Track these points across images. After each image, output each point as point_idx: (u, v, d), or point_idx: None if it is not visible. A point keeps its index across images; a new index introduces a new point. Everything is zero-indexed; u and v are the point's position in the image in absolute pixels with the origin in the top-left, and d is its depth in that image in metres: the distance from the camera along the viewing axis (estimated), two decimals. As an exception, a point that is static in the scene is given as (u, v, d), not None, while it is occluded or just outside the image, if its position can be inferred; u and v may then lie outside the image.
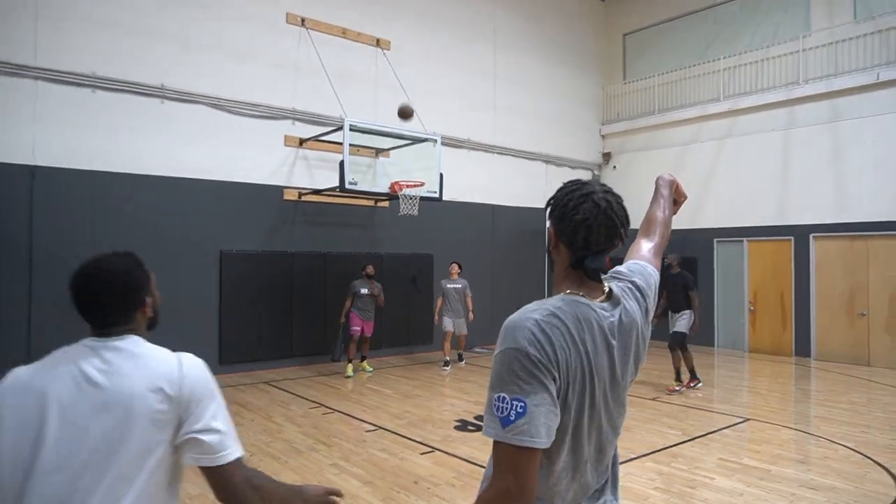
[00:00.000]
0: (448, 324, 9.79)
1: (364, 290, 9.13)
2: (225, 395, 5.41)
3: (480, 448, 5.63)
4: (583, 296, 1.45)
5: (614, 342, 1.44)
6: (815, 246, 11.03)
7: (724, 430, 6.25)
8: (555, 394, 1.32)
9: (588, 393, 1.38)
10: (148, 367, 1.50)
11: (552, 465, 1.40)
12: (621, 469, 4.82)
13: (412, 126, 10.04)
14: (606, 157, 14.56)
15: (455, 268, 9.97)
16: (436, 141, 9.53)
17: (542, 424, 1.29)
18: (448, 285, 9.87)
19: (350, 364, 9.15)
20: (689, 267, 11.87)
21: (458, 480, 4.79)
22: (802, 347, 11.06)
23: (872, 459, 5.29)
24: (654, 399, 7.70)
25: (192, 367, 1.54)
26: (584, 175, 14.48)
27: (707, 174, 12.60)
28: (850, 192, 10.66)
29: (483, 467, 5.08)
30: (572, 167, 14.18)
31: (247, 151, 9.34)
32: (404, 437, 6.03)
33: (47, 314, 7.53)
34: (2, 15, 7.37)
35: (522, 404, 1.29)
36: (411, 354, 11.04)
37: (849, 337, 10.56)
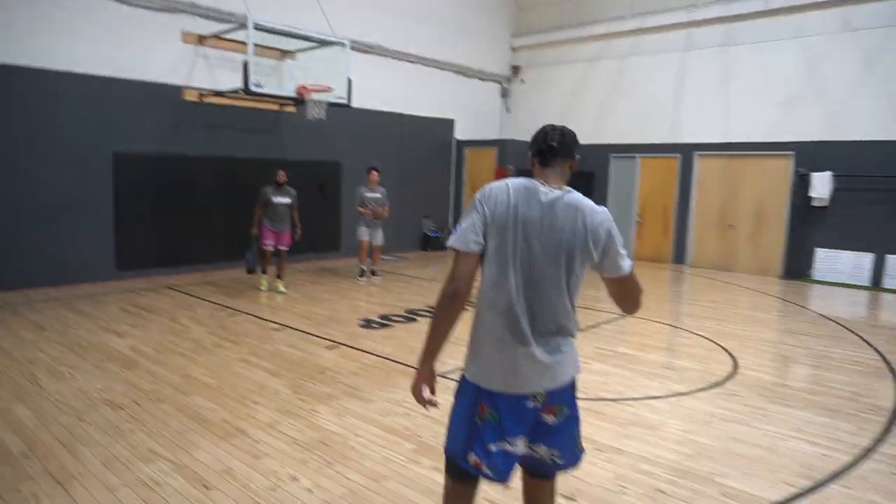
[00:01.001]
0: (364, 233, 9.37)
1: (277, 199, 8.24)
2: (125, 300, 5.63)
3: (383, 342, 6.03)
4: (539, 182, 2.17)
5: (547, 207, 2.10)
6: (698, 163, 11.96)
7: (603, 325, 7.00)
8: (481, 224, 2.10)
9: (511, 230, 2.08)
10: None
11: (484, 274, 2.13)
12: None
13: (320, 28, 9.73)
14: (515, 70, 14.71)
15: (374, 175, 9.37)
16: (345, 45, 9.28)
17: (468, 238, 2.10)
18: (367, 193, 9.32)
19: (264, 277, 8.55)
20: (586, 181, 12.62)
21: (363, 371, 5.16)
22: (679, 255, 12.23)
23: (719, 344, 6.19)
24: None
25: None
26: (493, 88, 14.64)
27: (609, 91, 13.11)
28: (733, 115, 11.53)
29: (386, 358, 5.49)
30: (482, 79, 14.27)
31: (141, 46, 8.72)
32: (310, 334, 6.32)
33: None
34: None
35: (461, 226, 2.14)
36: (318, 261, 11.19)
37: (719, 246, 11.77)
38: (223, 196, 9.85)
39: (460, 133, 13.99)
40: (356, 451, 3.66)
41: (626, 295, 2.20)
